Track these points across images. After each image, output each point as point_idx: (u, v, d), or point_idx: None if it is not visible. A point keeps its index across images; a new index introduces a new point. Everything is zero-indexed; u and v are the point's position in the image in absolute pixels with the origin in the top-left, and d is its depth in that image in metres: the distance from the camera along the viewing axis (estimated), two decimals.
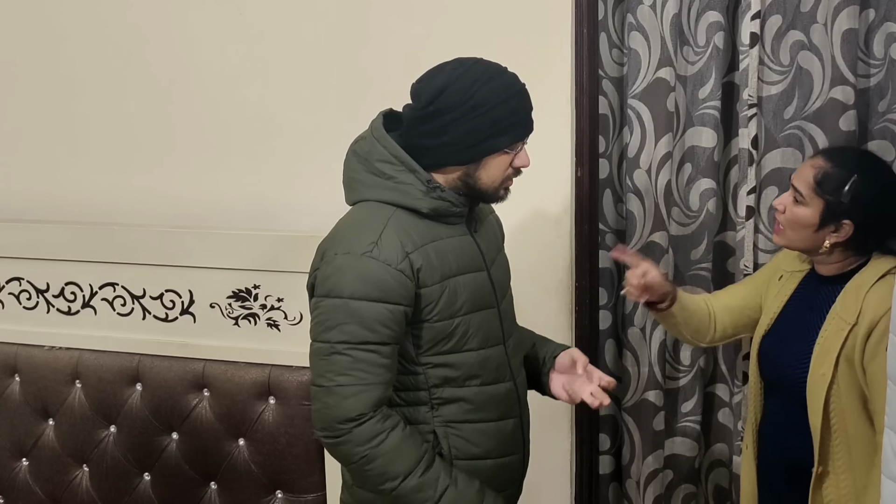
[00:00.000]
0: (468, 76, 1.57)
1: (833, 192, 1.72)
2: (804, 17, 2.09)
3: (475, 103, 1.56)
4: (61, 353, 2.46)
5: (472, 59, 1.61)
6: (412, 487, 1.58)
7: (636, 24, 2.17)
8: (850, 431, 1.74)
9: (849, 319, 1.72)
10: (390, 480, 1.57)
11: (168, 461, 2.38)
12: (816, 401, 1.75)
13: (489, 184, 1.64)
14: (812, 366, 1.76)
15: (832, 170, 1.73)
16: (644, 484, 2.40)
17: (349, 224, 1.64)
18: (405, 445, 1.58)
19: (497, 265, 1.77)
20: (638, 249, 2.27)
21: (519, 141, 1.63)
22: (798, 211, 1.76)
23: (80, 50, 2.50)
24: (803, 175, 1.77)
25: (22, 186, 2.61)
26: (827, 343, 1.75)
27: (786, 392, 1.85)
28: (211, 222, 2.43)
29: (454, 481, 1.62)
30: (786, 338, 1.86)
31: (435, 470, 1.61)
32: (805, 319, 1.83)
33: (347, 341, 1.54)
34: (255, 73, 2.37)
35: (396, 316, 1.57)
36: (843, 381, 1.73)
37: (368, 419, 1.55)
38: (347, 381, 1.54)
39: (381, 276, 1.55)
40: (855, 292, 1.74)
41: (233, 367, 2.32)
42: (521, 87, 1.62)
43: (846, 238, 1.74)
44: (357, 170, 1.65)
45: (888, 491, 1.42)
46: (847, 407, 1.73)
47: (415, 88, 1.63)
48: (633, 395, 2.36)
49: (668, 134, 2.19)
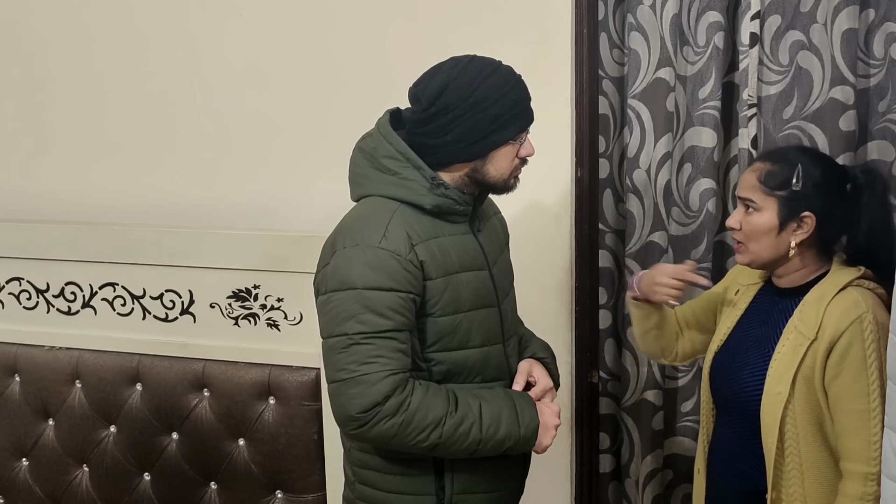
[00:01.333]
0: (466, 74, 1.59)
1: (782, 186, 1.65)
2: (804, 17, 2.09)
3: (475, 100, 1.58)
4: (61, 353, 2.46)
5: (467, 57, 1.63)
6: (454, 424, 1.59)
7: (636, 24, 2.17)
8: (803, 457, 1.65)
9: (808, 334, 1.63)
10: (433, 430, 1.58)
11: (168, 461, 2.38)
12: (771, 421, 1.65)
13: (497, 176, 1.66)
14: (767, 384, 1.66)
15: (774, 166, 1.67)
16: (643, 483, 2.40)
17: (355, 218, 1.65)
18: (429, 396, 1.59)
19: (499, 265, 1.77)
20: (638, 249, 2.27)
21: (521, 131, 1.65)
22: (754, 219, 1.68)
23: (80, 50, 2.50)
24: (747, 182, 1.70)
25: (22, 186, 2.61)
26: (784, 359, 1.65)
27: (737, 413, 1.75)
28: (211, 222, 2.43)
29: (482, 398, 1.64)
30: (740, 354, 1.76)
31: (462, 399, 1.62)
32: (760, 335, 1.74)
33: (365, 331, 1.55)
34: (256, 73, 2.37)
35: (408, 304, 1.58)
36: (800, 402, 1.64)
37: (391, 397, 1.55)
38: (372, 368, 1.54)
39: (392, 265, 1.56)
40: (815, 304, 1.65)
41: (233, 367, 2.32)
42: (518, 78, 1.64)
43: (810, 233, 1.66)
44: (363, 166, 1.67)
45: (888, 491, 1.42)
46: (802, 430, 1.64)
47: (413, 92, 1.64)
48: (633, 394, 2.37)
49: (667, 134, 2.20)
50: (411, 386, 1.58)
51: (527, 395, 1.73)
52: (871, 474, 1.58)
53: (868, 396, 1.58)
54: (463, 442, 1.60)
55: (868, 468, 1.58)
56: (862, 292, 1.64)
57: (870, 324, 1.59)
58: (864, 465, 1.59)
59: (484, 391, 1.67)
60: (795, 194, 1.65)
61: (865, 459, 1.59)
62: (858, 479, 1.59)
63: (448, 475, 1.70)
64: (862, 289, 1.65)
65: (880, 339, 1.59)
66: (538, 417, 1.68)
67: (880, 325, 1.60)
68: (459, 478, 1.70)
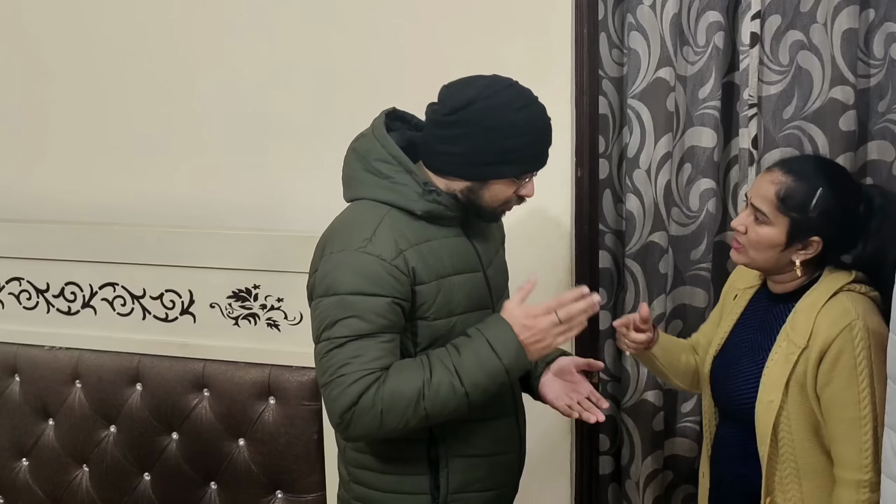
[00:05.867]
0: (497, 98, 1.57)
1: (799, 209, 1.62)
2: (804, 17, 2.09)
3: (494, 127, 1.56)
4: (61, 353, 2.46)
5: (507, 82, 1.60)
6: (433, 392, 1.54)
7: (636, 24, 2.17)
8: (800, 462, 1.65)
9: (799, 342, 1.62)
10: (415, 407, 1.54)
11: (168, 461, 2.38)
12: (764, 428, 1.65)
13: (489, 203, 1.65)
14: (760, 392, 1.66)
15: (794, 184, 1.62)
16: (643, 484, 2.40)
17: (345, 222, 1.65)
18: (402, 376, 1.55)
19: (494, 266, 1.77)
20: (638, 250, 2.27)
21: (528, 172, 1.63)
22: (762, 231, 1.65)
23: (80, 51, 2.50)
24: (763, 192, 1.65)
25: (22, 186, 2.61)
26: (777, 367, 1.65)
27: (736, 417, 1.75)
28: (211, 222, 2.43)
29: (453, 350, 1.57)
30: (735, 360, 1.76)
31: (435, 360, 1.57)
32: (755, 341, 1.74)
33: (347, 335, 1.54)
34: (255, 73, 2.37)
35: (393, 307, 1.57)
36: (794, 408, 1.63)
37: (364, 394, 1.53)
38: (349, 370, 1.54)
39: (375, 270, 1.55)
40: (806, 312, 1.64)
41: (233, 367, 2.32)
42: (546, 122, 1.62)
43: (814, 255, 1.65)
44: (355, 167, 1.67)
45: (888, 491, 1.42)
46: (798, 437, 1.64)
47: (443, 92, 1.62)
48: (633, 395, 2.36)
49: (667, 134, 2.19)
50: (384, 376, 1.55)
51: (496, 318, 1.60)
52: (863, 481, 1.58)
53: (859, 404, 1.58)
54: (451, 402, 1.55)
55: (860, 475, 1.58)
56: (853, 297, 1.63)
57: (860, 331, 1.58)
58: (857, 473, 1.58)
59: (459, 341, 1.59)
60: (808, 219, 1.62)
61: (858, 467, 1.58)
62: (851, 486, 1.59)
63: (443, 474, 1.70)
64: (854, 293, 1.64)
65: (871, 346, 1.58)
66: (514, 335, 1.56)
67: (871, 331, 1.59)
68: (454, 477, 1.70)
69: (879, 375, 1.57)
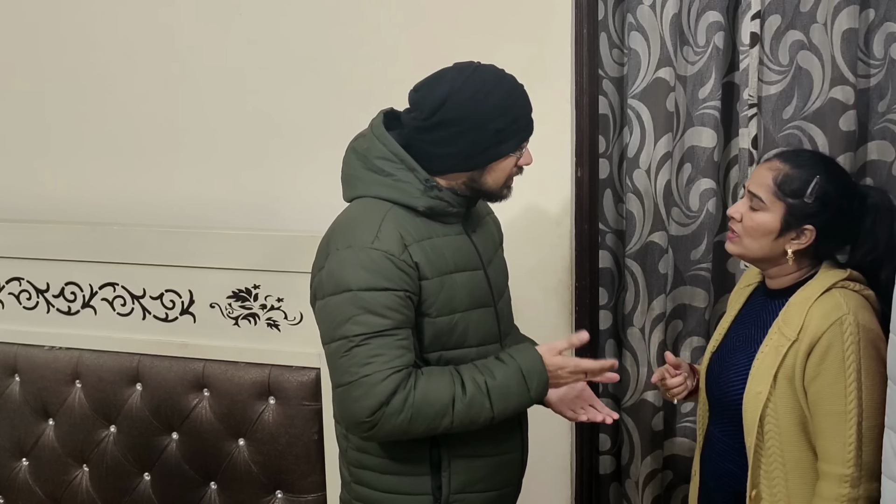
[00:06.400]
0: (468, 87, 1.57)
1: (796, 194, 1.64)
2: (804, 17, 2.09)
3: (477, 116, 1.57)
4: (61, 353, 2.46)
5: (471, 67, 1.61)
6: (464, 408, 1.58)
7: (636, 24, 2.17)
8: (786, 456, 1.65)
9: (789, 335, 1.63)
10: (443, 418, 1.57)
11: (168, 461, 2.38)
12: (751, 419, 1.66)
13: (494, 185, 1.67)
14: (749, 383, 1.67)
15: (792, 171, 1.65)
16: (643, 484, 2.40)
17: (348, 220, 1.65)
18: (433, 384, 1.58)
19: (494, 265, 1.77)
20: (638, 249, 2.27)
21: (522, 143, 1.65)
22: (757, 217, 1.67)
23: (79, 51, 2.50)
24: (761, 178, 1.67)
25: (22, 186, 2.61)
26: (767, 359, 1.66)
27: (725, 413, 1.75)
28: (211, 222, 2.43)
29: (488, 374, 1.62)
30: (730, 355, 1.77)
31: (468, 378, 1.60)
32: (749, 335, 1.75)
33: (364, 333, 1.54)
34: (256, 73, 2.37)
35: (405, 301, 1.57)
36: (781, 400, 1.64)
37: (395, 394, 1.54)
38: (373, 369, 1.54)
39: (385, 265, 1.56)
40: (798, 306, 1.65)
41: (233, 367, 2.32)
42: (520, 90, 1.63)
43: (807, 245, 1.66)
44: (355, 167, 1.66)
45: (888, 491, 1.42)
46: (784, 429, 1.65)
47: (414, 98, 1.63)
48: (633, 395, 2.37)
49: (667, 134, 2.20)
50: (414, 379, 1.57)
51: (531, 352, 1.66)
52: (845, 476, 1.58)
53: (846, 398, 1.58)
54: (476, 421, 1.61)
55: (843, 470, 1.58)
56: (846, 294, 1.64)
57: (850, 325, 1.59)
58: (840, 467, 1.58)
59: (491, 363, 1.64)
60: (804, 205, 1.64)
61: (841, 461, 1.58)
62: (834, 480, 1.59)
63: (445, 475, 1.70)
64: (847, 290, 1.65)
65: (861, 342, 1.58)
66: (546, 374, 1.65)
67: (862, 326, 1.59)
68: (456, 478, 1.70)
69: (867, 371, 1.58)
